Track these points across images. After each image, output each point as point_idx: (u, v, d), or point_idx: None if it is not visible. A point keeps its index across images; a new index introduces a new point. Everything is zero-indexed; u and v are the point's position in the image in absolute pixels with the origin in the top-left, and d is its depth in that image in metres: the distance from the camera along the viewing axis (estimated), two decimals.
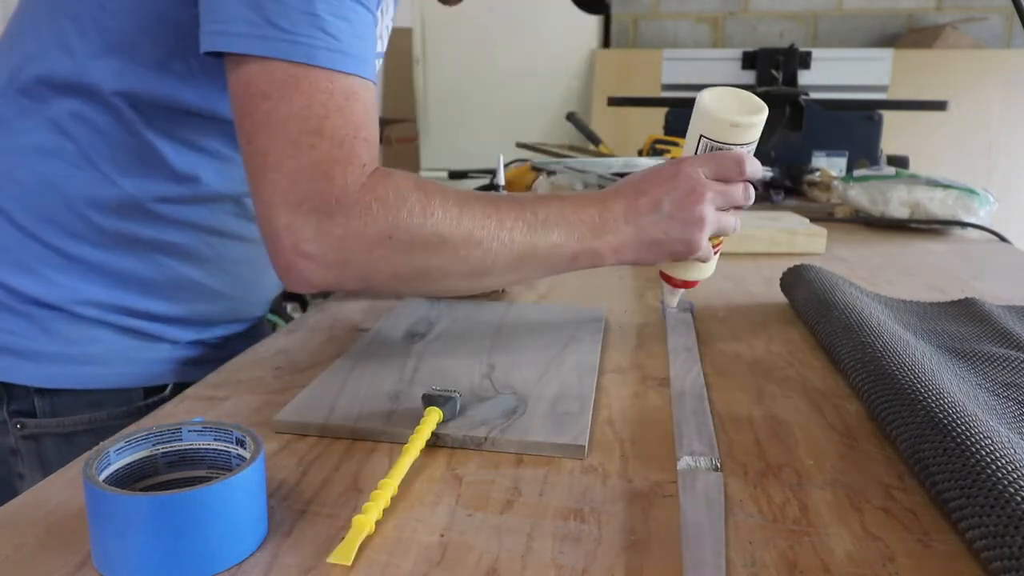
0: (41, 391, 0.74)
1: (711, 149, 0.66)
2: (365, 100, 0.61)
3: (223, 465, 0.45)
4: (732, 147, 0.65)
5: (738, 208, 0.69)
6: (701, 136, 0.66)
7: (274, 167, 0.58)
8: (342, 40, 0.59)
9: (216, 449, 0.45)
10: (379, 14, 0.70)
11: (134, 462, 0.43)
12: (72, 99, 0.69)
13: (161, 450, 0.44)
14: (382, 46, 0.76)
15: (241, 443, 0.44)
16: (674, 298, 0.74)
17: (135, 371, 0.76)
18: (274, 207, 0.58)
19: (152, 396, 0.77)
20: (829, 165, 1.78)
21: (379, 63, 0.75)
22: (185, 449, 0.45)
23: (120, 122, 0.69)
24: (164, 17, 0.66)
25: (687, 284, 0.73)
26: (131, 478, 0.43)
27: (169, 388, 0.78)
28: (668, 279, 0.73)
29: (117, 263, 0.73)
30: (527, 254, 0.63)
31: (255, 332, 0.91)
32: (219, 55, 0.60)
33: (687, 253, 0.67)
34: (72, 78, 0.68)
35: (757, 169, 0.67)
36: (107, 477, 0.41)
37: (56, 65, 0.68)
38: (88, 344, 0.74)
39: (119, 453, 0.43)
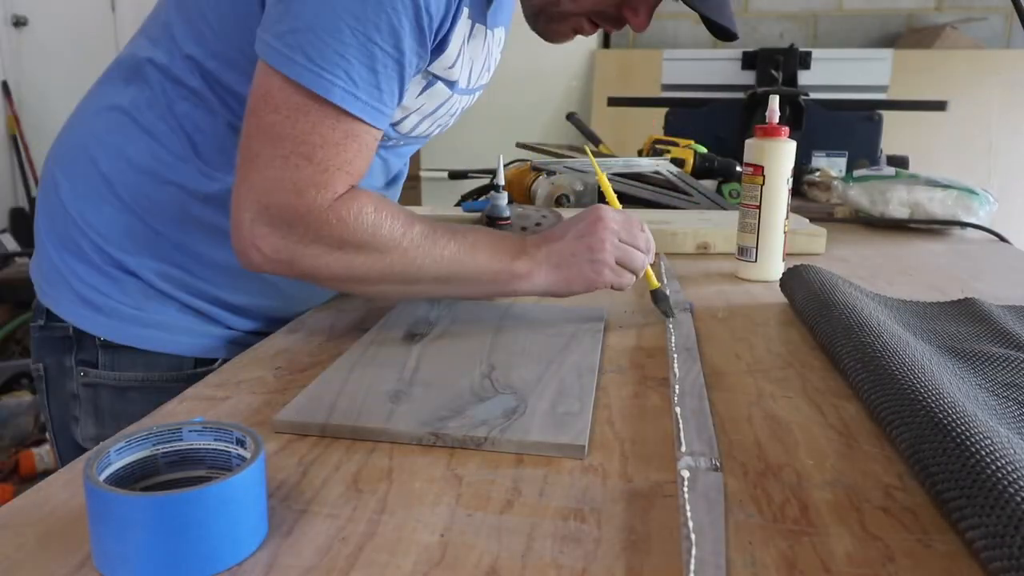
0: (106, 345, 0.81)
1: None
2: (363, 143, 0.70)
3: (223, 465, 0.45)
4: None
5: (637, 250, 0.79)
6: None
7: (260, 170, 0.67)
8: (361, 87, 0.66)
9: (216, 449, 0.45)
10: (428, 77, 0.78)
11: (134, 462, 0.43)
12: (191, 97, 0.77)
13: (161, 450, 0.44)
14: (429, 102, 0.81)
15: (241, 443, 0.44)
16: None
17: (192, 342, 0.83)
18: (247, 202, 0.68)
19: (202, 366, 0.83)
20: (829, 165, 1.78)
21: (426, 118, 0.83)
22: (185, 449, 0.45)
23: (226, 117, 0.77)
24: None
25: None
26: (131, 478, 0.43)
27: (219, 362, 0.83)
28: None
29: (200, 247, 0.80)
30: (454, 271, 0.74)
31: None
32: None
33: (593, 275, 0.77)
34: (196, 75, 0.77)
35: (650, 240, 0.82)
36: (107, 477, 0.41)
37: (187, 63, 0.77)
38: (155, 312, 0.81)
39: (119, 453, 0.43)
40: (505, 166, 1.10)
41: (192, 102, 0.77)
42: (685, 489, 0.47)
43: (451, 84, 0.80)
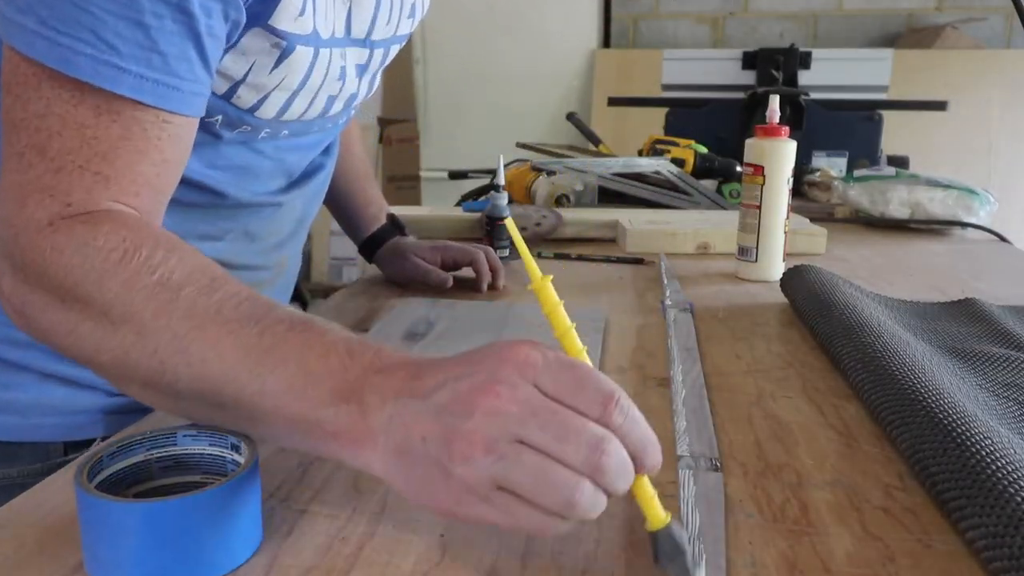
0: None
1: None
2: (139, 132, 0.48)
3: (218, 470, 0.44)
4: None
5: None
6: None
7: (2, 174, 0.49)
8: (124, 52, 0.46)
9: (211, 454, 0.44)
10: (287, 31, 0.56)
11: (128, 467, 0.43)
12: None
13: (156, 455, 0.44)
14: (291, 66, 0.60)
15: (236, 448, 0.43)
16: None
17: (58, 422, 0.66)
18: None
19: (74, 452, 0.67)
20: (829, 165, 1.77)
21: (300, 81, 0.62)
22: (180, 454, 0.44)
23: None
24: None
25: None
26: (124, 483, 0.43)
27: (97, 442, 0.68)
28: None
29: None
30: (223, 389, 0.42)
31: None
32: None
33: (441, 498, 0.37)
34: None
35: (640, 437, 0.38)
36: (100, 482, 0.41)
37: None
38: (8, 390, 0.64)
39: (112, 458, 0.42)
40: (505, 166, 1.10)
41: None
42: (685, 489, 0.47)
43: (309, 39, 0.59)
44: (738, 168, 1.50)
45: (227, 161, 0.65)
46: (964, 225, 1.33)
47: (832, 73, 2.68)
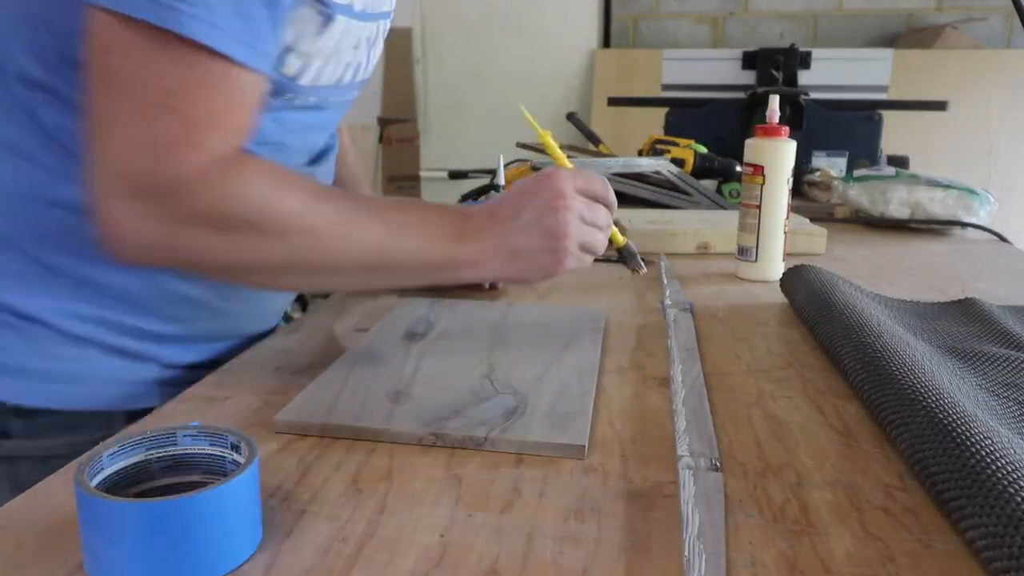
0: (18, 410, 0.68)
1: None
2: (236, 87, 0.56)
3: (218, 470, 0.44)
4: None
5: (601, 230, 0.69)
6: None
7: (108, 131, 0.54)
8: (219, 14, 0.52)
9: (211, 454, 0.44)
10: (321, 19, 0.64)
11: (128, 467, 0.43)
12: (42, 94, 0.62)
13: (156, 455, 0.44)
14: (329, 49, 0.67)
15: (236, 448, 0.43)
16: None
17: (119, 392, 0.70)
18: (99, 176, 0.54)
19: (133, 420, 0.67)
20: (829, 165, 1.77)
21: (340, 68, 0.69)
22: (180, 454, 0.44)
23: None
24: None
25: None
26: (124, 483, 0.43)
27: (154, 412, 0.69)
28: None
29: (104, 278, 0.67)
30: (380, 258, 0.62)
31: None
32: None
33: (553, 266, 0.66)
34: (36, 63, 0.62)
35: (613, 200, 0.70)
36: (100, 482, 0.41)
37: (22, 56, 0.62)
38: (73, 361, 0.68)
39: (112, 458, 0.42)
40: (505, 166, 1.10)
41: (54, 107, 0.61)
42: (685, 489, 0.47)
43: (345, 8, 0.65)
44: (738, 168, 1.50)
45: (263, 136, 0.68)
46: (964, 225, 1.33)
47: (832, 73, 2.68)
